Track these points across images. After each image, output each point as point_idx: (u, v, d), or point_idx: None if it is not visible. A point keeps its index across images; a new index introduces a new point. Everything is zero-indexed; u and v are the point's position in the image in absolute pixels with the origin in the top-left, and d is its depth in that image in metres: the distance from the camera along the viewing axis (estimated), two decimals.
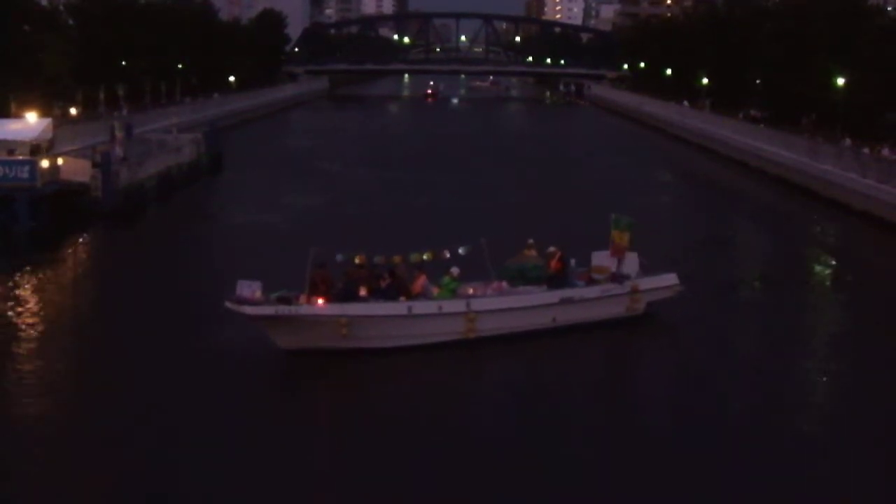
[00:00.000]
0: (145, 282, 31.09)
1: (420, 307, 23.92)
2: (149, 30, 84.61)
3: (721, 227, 44.21)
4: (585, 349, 25.10)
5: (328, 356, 23.06)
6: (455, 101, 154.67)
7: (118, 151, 46.59)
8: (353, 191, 51.47)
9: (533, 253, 26.49)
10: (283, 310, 22.67)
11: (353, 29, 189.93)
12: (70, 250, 37.53)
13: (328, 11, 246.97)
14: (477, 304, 24.36)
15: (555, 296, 25.38)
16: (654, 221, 42.61)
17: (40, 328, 26.06)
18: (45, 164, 39.95)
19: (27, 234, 37.93)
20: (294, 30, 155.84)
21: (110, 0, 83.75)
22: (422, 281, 24.62)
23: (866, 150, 50.25)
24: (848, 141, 55.01)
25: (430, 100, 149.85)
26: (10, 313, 27.12)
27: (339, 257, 24.03)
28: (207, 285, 28.10)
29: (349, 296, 23.52)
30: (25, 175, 38.85)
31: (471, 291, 24.82)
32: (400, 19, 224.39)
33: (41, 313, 27.56)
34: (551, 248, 26.37)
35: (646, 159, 73.34)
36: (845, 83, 60.19)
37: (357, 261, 24.18)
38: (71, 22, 79.69)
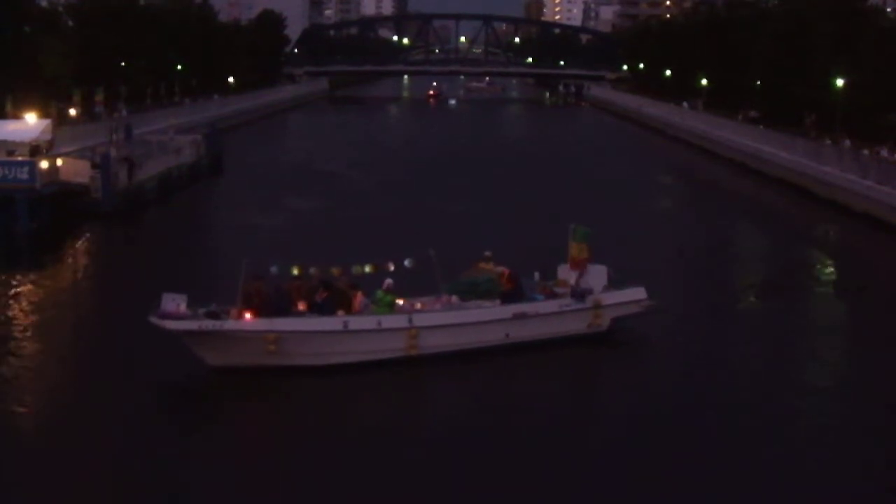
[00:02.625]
0: (141, 283, 30.90)
1: (356, 322, 22.55)
2: (148, 31, 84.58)
3: (716, 230, 43.94)
4: (537, 368, 23.39)
5: (256, 374, 21.67)
6: (453, 102, 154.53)
7: (114, 152, 46.54)
8: (351, 194, 51.35)
9: (489, 266, 24.84)
10: (207, 325, 21.55)
11: (353, 30, 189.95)
12: (69, 251, 37.50)
13: (328, 12, 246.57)
14: (420, 320, 22.92)
15: (507, 311, 23.92)
16: (648, 226, 42.67)
17: (38, 329, 26.00)
18: (44, 164, 39.95)
19: (26, 235, 37.87)
20: (293, 31, 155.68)
21: (110, 1, 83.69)
22: (359, 300, 23.05)
23: (866, 152, 50.21)
24: (847, 142, 54.98)
25: (432, 101, 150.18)
26: (8, 314, 27.10)
27: (273, 269, 22.72)
28: (204, 287, 27.94)
29: (281, 310, 22.32)
30: (25, 176, 38.83)
31: (418, 307, 23.47)
32: (399, 20, 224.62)
33: (39, 314, 27.49)
34: (500, 268, 24.66)
35: (645, 161, 73.37)
36: (845, 84, 60.17)
37: (296, 272, 22.94)
38: (71, 23, 79.65)
